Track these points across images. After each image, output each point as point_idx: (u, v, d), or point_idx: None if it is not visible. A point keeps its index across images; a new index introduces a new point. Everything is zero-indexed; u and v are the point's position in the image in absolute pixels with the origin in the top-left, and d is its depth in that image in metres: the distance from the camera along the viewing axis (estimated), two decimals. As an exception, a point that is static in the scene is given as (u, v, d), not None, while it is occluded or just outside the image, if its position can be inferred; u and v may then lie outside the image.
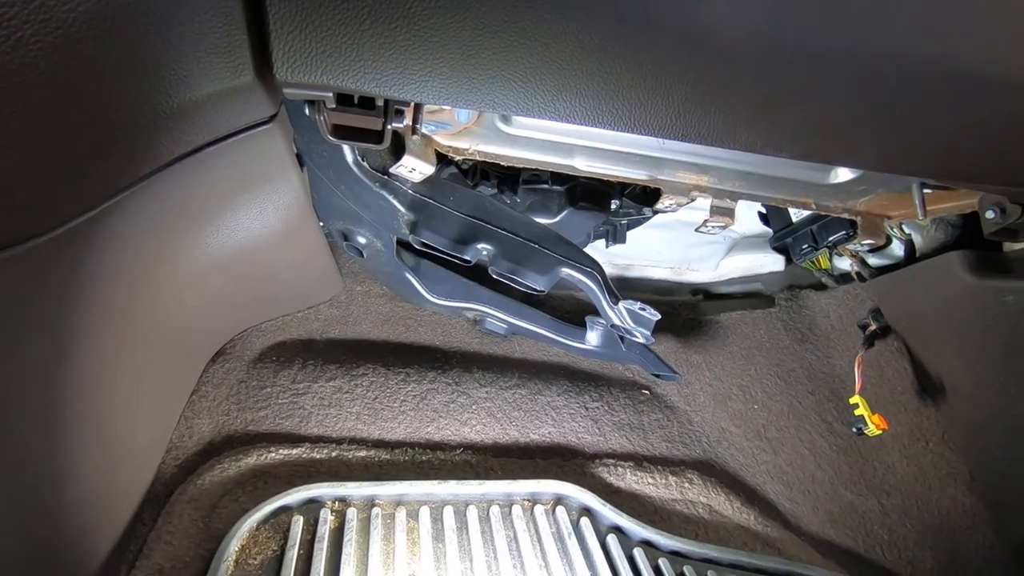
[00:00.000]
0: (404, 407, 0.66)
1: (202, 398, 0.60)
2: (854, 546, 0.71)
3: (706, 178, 0.55)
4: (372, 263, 0.63)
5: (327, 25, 0.33)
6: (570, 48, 0.35)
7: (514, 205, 0.64)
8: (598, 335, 0.66)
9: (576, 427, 0.71)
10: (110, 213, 0.36)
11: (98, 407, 0.41)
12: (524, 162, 0.52)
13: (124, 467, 0.47)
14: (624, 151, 0.51)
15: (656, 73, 0.37)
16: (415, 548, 0.52)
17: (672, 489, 0.67)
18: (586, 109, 0.38)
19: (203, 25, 0.32)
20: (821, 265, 0.88)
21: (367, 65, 0.34)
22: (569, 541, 0.56)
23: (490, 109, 0.38)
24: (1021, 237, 0.60)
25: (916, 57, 0.37)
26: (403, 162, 0.50)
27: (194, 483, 0.52)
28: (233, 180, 0.47)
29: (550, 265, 0.54)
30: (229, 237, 0.51)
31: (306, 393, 0.64)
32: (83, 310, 0.37)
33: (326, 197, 0.57)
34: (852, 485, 0.75)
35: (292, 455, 0.57)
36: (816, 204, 0.60)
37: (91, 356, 0.39)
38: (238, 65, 0.35)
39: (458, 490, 0.57)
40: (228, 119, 0.39)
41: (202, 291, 0.53)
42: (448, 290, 0.66)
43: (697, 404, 0.81)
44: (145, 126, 0.33)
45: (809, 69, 0.38)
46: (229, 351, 0.65)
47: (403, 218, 0.56)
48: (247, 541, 0.49)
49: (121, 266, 0.41)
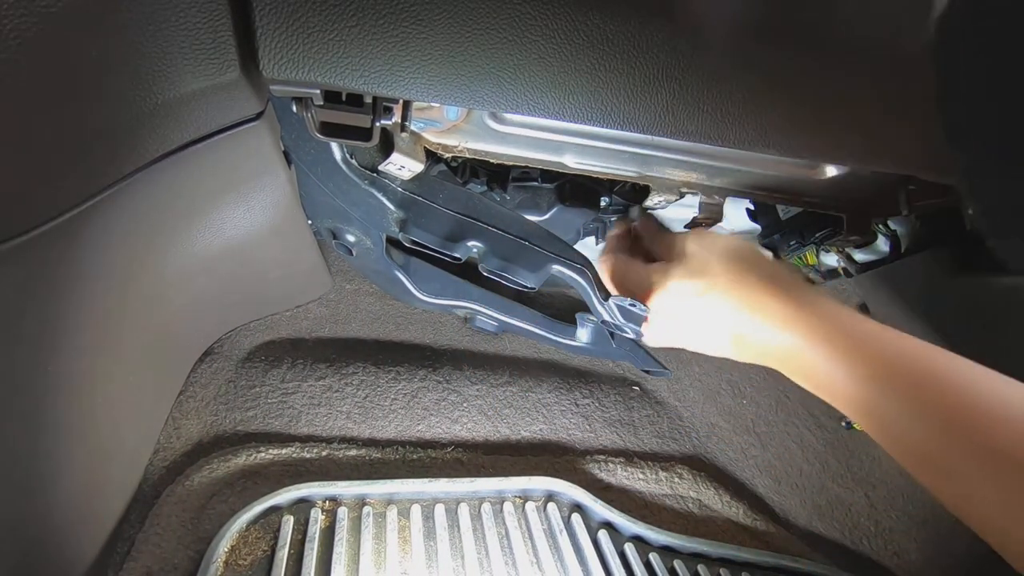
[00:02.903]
0: (395, 405, 0.66)
1: (190, 398, 0.59)
2: (841, 538, 0.72)
3: (695, 175, 0.55)
4: (361, 261, 0.63)
5: (314, 21, 0.32)
6: (559, 45, 0.35)
7: (504, 202, 0.64)
8: (588, 332, 0.66)
9: (567, 424, 0.71)
10: (92, 212, 0.35)
11: (83, 408, 0.41)
12: (514, 159, 0.52)
13: (111, 469, 0.47)
14: (613, 148, 0.51)
15: (645, 69, 0.37)
16: (406, 546, 0.52)
17: (662, 484, 0.68)
18: (575, 106, 0.38)
19: (187, 21, 0.31)
20: (808, 261, 0.89)
21: (355, 62, 0.34)
22: (560, 537, 0.56)
23: (479, 106, 0.38)
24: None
25: (904, 52, 0.38)
26: (392, 160, 0.50)
27: (182, 484, 0.52)
28: (219, 178, 0.46)
29: (540, 262, 0.54)
30: (216, 236, 0.50)
31: (296, 392, 0.63)
32: (66, 311, 0.37)
33: (314, 195, 0.56)
34: (839, 478, 0.76)
35: (282, 455, 0.57)
36: (803, 201, 0.60)
37: (75, 357, 0.39)
38: (224, 62, 0.34)
39: (449, 488, 0.57)
40: (214, 116, 0.39)
41: (189, 290, 0.52)
42: (438, 288, 0.66)
43: (687, 400, 0.81)
44: (128, 123, 0.33)
45: (795, 64, 0.38)
46: (217, 351, 0.64)
47: (392, 216, 0.56)
48: (237, 542, 0.49)
49: (105, 266, 0.40)
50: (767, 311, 0.45)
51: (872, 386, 0.39)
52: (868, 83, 0.39)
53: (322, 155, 0.53)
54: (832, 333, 0.41)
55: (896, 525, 0.73)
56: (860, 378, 0.39)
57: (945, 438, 0.35)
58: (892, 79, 0.39)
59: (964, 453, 0.34)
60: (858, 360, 0.40)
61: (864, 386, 0.39)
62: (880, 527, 0.73)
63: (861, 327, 0.41)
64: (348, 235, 0.59)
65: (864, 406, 0.40)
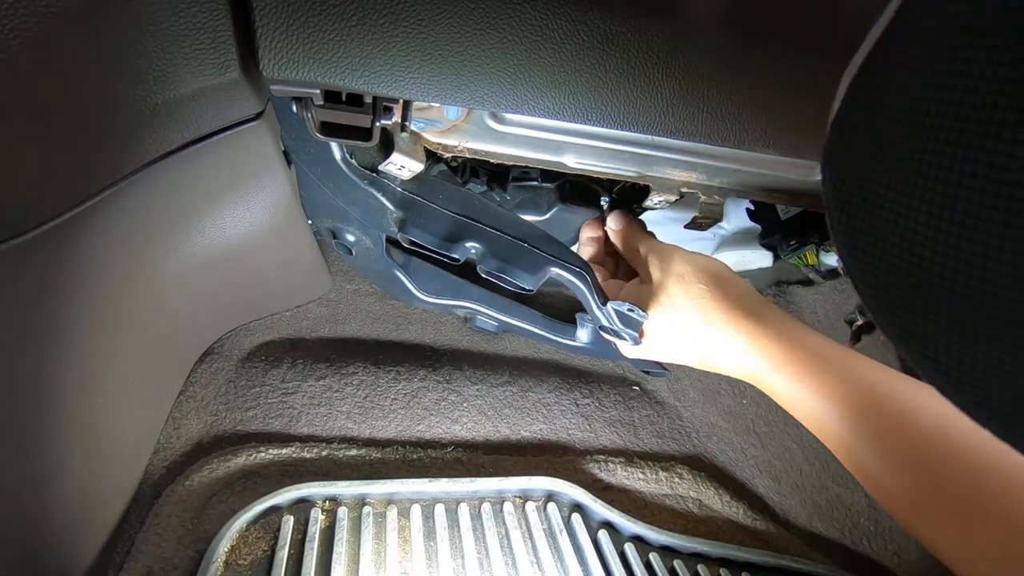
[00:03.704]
0: (395, 405, 0.66)
1: (190, 398, 0.59)
2: (841, 538, 0.72)
3: (695, 175, 0.55)
4: (361, 261, 0.63)
5: (314, 21, 0.32)
6: (559, 45, 0.35)
7: (504, 203, 0.64)
8: (588, 332, 0.66)
9: (567, 424, 0.71)
10: (92, 212, 0.35)
11: (83, 408, 0.41)
12: (514, 159, 0.52)
13: (111, 469, 0.47)
14: (613, 148, 0.51)
15: (645, 69, 0.37)
16: (406, 546, 0.52)
17: (662, 484, 0.68)
18: (576, 106, 0.38)
19: (187, 21, 0.31)
20: (808, 261, 0.89)
21: (355, 62, 0.34)
22: (560, 537, 0.56)
23: (479, 106, 0.38)
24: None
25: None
26: (392, 159, 0.50)
27: (182, 484, 0.52)
28: (219, 178, 0.46)
29: (539, 264, 0.54)
30: (216, 236, 0.50)
31: (296, 392, 0.63)
32: (66, 310, 0.37)
33: (314, 195, 0.56)
34: (839, 478, 0.76)
35: (282, 455, 0.57)
36: (803, 201, 0.60)
37: (75, 357, 0.39)
38: (224, 62, 0.34)
39: (449, 488, 0.57)
40: (214, 116, 0.39)
41: (189, 290, 0.52)
42: (438, 288, 0.66)
43: (687, 399, 0.81)
44: (128, 123, 0.33)
45: (795, 64, 0.38)
46: (217, 351, 0.64)
47: (392, 216, 0.56)
48: (237, 542, 0.49)
49: (105, 266, 0.40)
50: (731, 336, 0.46)
51: (833, 411, 0.40)
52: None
53: (322, 155, 0.53)
54: (795, 357, 0.43)
55: (896, 525, 0.73)
56: (822, 402, 0.41)
57: (903, 473, 0.36)
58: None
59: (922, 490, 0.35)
60: (818, 384, 0.41)
61: (826, 410, 0.40)
62: (880, 527, 0.73)
63: (827, 352, 0.43)
64: (348, 235, 0.59)
65: (826, 430, 0.41)
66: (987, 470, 0.32)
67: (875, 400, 0.38)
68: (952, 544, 0.33)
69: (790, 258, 0.78)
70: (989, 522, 0.31)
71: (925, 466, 0.34)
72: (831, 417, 0.40)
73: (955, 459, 0.33)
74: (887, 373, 0.40)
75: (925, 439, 0.35)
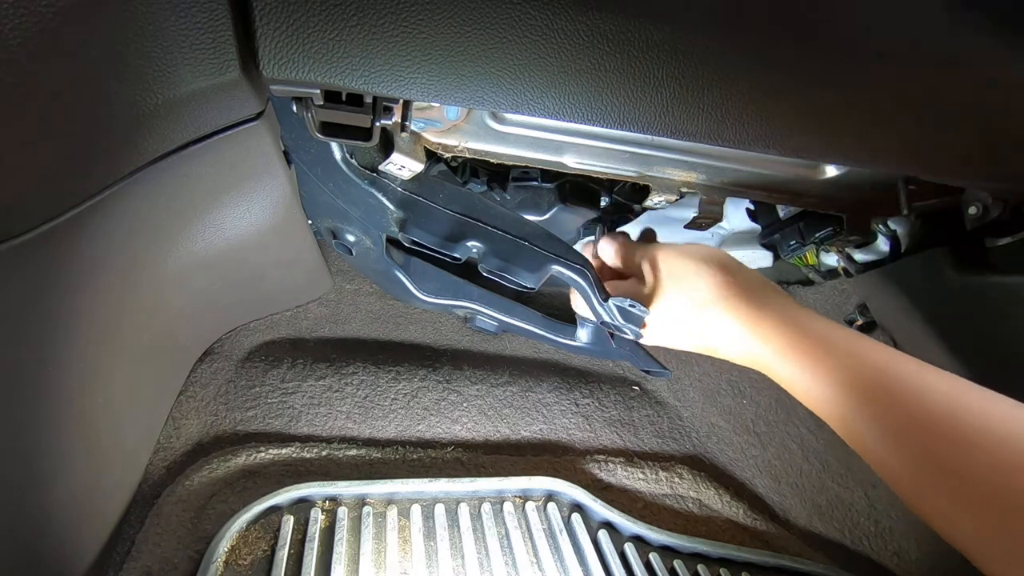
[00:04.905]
0: (395, 405, 0.66)
1: (190, 398, 0.59)
2: (841, 538, 0.72)
3: (695, 175, 0.55)
4: (361, 261, 0.63)
5: (314, 21, 0.32)
6: (559, 45, 0.35)
7: (504, 202, 0.64)
8: (588, 332, 0.66)
9: (567, 423, 0.71)
10: (92, 212, 0.35)
11: (83, 408, 0.41)
12: (514, 159, 0.52)
13: (111, 469, 0.47)
14: (613, 148, 0.51)
15: (645, 69, 0.37)
16: (406, 546, 0.52)
17: (662, 484, 0.68)
18: (575, 106, 0.38)
19: (187, 21, 0.31)
20: (808, 261, 0.89)
21: (355, 62, 0.34)
22: (560, 537, 0.56)
23: (479, 106, 0.38)
24: (1002, 233, 0.61)
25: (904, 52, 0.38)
26: (392, 159, 0.50)
27: (182, 484, 0.52)
28: (219, 178, 0.46)
29: (540, 262, 0.54)
30: (216, 236, 0.50)
31: (296, 392, 0.63)
32: (66, 311, 0.37)
33: (314, 195, 0.56)
34: (839, 478, 0.76)
35: (282, 455, 0.57)
36: (803, 201, 0.60)
37: (75, 357, 0.39)
38: (223, 62, 0.34)
39: (449, 488, 0.57)
40: (214, 116, 0.39)
41: (189, 290, 0.52)
42: (438, 287, 0.66)
43: (687, 399, 0.81)
44: (128, 123, 0.33)
45: (795, 63, 0.38)
46: (217, 351, 0.64)
47: (392, 216, 0.56)
48: (237, 542, 0.49)
49: (105, 266, 0.40)
50: (731, 320, 0.46)
51: (838, 395, 0.40)
52: (868, 83, 0.39)
53: (322, 155, 0.53)
54: (802, 342, 0.42)
55: (896, 525, 0.73)
56: (827, 387, 0.40)
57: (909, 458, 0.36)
58: (892, 79, 0.39)
59: (931, 476, 0.35)
60: (824, 369, 0.40)
61: (831, 395, 0.40)
62: (880, 527, 0.73)
63: (832, 336, 0.42)
64: (348, 235, 0.59)
65: (833, 415, 0.40)
66: (997, 450, 0.32)
67: (882, 382, 0.37)
68: (962, 525, 0.33)
69: (790, 258, 0.78)
70: (1001, 501, 0.31)
71: (933, 447, 0.34)
72: (837, 401, 0.39)
73: (964, 439, 0.33)
74: (893, 355, 0.39)
75: (933, 420, 0.34)
